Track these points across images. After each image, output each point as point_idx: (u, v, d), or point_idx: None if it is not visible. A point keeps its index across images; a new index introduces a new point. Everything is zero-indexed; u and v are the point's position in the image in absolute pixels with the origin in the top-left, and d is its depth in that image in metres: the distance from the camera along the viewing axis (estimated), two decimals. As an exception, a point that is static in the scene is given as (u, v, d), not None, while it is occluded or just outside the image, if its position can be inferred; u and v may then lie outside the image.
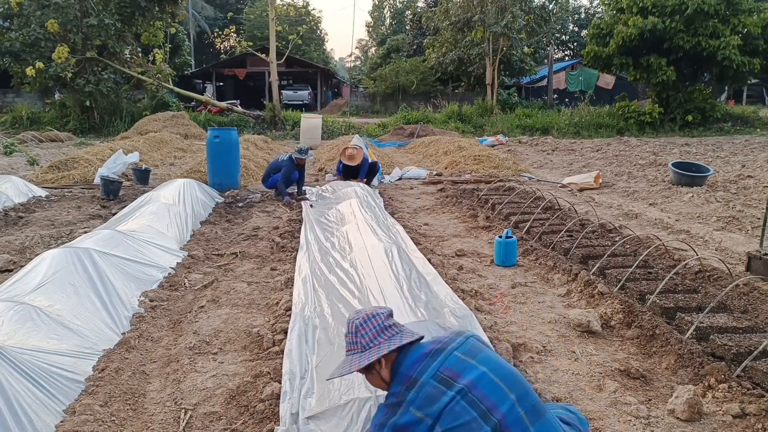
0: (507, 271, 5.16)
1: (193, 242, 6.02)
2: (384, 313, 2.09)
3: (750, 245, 5.79)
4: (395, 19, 56.02)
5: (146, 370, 3.27)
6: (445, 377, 1.86)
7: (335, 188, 8.70)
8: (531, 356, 3.40)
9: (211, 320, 3.95)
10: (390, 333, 2.03)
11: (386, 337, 2.01)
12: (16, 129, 19.27)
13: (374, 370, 2.01)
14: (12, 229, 6.46)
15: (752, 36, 19.14)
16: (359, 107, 33.79)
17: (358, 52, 72.44)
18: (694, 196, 8.48)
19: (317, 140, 16.90)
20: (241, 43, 22.41)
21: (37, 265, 3.92)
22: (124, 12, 19.50)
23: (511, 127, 21.08)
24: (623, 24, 19.82)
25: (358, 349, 2.03)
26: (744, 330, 3.56)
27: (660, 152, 14.01)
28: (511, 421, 1.81)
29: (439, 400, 1.81)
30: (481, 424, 1.78)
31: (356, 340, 2.04)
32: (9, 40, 18.89)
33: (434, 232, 6.71)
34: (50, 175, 9.96)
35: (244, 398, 2.92)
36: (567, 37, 51.77)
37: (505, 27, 23.37)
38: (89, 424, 2.65)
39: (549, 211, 7.12)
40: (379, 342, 2.00)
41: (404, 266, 4.17)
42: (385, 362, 2.00)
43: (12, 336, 3.03)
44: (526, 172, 11.38)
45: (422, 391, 1.84)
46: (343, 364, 2.08)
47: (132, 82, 21.47)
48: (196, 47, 41.92)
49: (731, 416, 2.77)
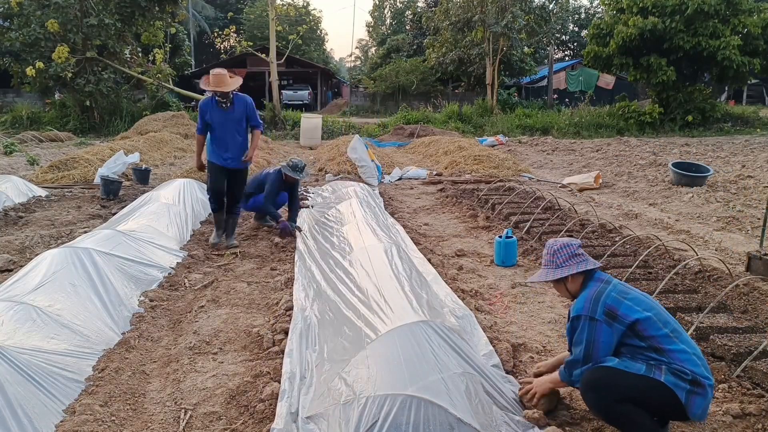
0: (507, 271, 5.16)
1: (193, 242, 6.02)
2: (576, 243, 2.77)
3: (750, 245, 5.79)
4: (395, 19, 55.96)
5: (146, 370, 3.26)
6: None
7: (335, 188, 8.69)
8: (531, 356, 3.40)
9: (211, 320, 3.95)
10: (578, 259, 2.71)
11: (575, 261, 2.70)
12: (16, 129, 19.26)
13: (563, 283, 2.74)
14: (12, 229, 6.46)
15: (752, 36, 19.14)
16: (359, 107, 33.77)
17: (358, 52, 72.37)
18: (694, 196, 8.48)
19: (317, 140, 16.90)
20: (241, 43, 22.40)
21: (37, 265, 3.92)
22: (124, 12, 19.49)
23: (511, 127, 21.07)
24: (623, 24, 19.82)
25: (553, 267, 2.74)
26: (744, 330, 3.56)
27: (660, 152, 14.00)
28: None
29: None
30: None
31: (553, 260, 2.76)
32: (9, 40, 18.88)
33: (434, 232, 6.71)
34: (50, 175, 9.96)
35: (244, 398, 2.91)
36: (567, 37, 51.75)
37: (505, 27, 23.36)
38: (89, 424, 2.65)
39: (549, 211, 7.12)
40: (570, 264, 2.70)
41: (404, 266, 4.17)
42: (572, 279, 2.70)
43: (12, 336, 3.03)
44: (526, 172, 11.38)
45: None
46: (540, 273, 2.81)
47: (132, 82, 21.46)
48: (196, 47, 41.90)
49: (731, 416, 2.77)
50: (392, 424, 2.26)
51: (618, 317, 2.48)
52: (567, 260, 2.72)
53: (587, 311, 2.53)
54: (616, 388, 2.41)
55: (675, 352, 2.42)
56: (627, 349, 2.50)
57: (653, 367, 2.41)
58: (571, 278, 2.72)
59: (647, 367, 2.42)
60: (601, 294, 2.54)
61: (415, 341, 2.70)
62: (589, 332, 2.51)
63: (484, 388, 2.70)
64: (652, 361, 2.43)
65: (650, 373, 2.40)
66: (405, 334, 2.75)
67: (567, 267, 2.71)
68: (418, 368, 2.53)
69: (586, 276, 2.71)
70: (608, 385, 2.43)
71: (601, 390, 2.45)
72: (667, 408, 2.40)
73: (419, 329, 2.81)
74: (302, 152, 15.38)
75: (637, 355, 2.47)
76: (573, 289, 2.73)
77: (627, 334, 2.48)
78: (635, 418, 2.40)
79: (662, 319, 2.49)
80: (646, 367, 2.42)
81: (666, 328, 2.46)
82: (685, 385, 2.36)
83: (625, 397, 2.40)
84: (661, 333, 2.45)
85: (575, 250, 2.74)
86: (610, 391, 2.42)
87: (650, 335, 2.44)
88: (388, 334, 2.77)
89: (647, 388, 2.38)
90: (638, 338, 2.46)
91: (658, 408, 2.42)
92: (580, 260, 2.71)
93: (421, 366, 2.55)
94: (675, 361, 2.40)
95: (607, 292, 2.55)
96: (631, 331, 2.47)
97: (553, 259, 2.77)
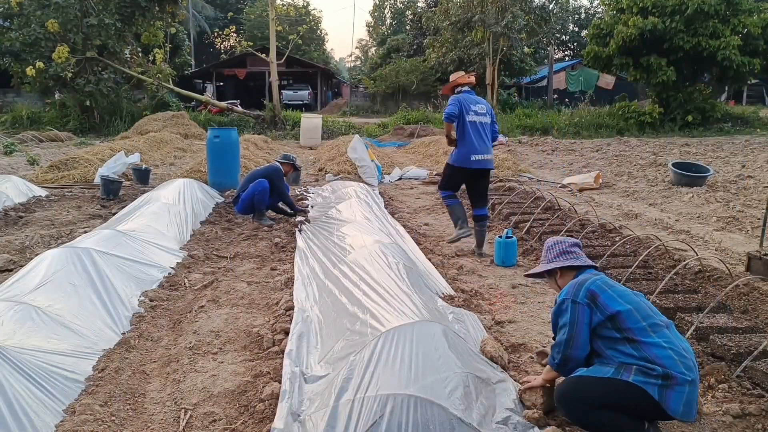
0: (507, 271, 5.16)
1: (193, 242, 6.02)
2: (570, 241, 2.92)
3: (750, 245, 5.79)
4: (395, 19, 55.98)
5: (146, 370, 3.26)
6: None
7: (335, 188, 8.69)
8: (531, 356, 3.40)
9: (211, 320, 3.95)
10: (569, 256, 2.85)
11: (566, 257, 2.85)
12: (16, 129, 19.26)
13: (554, 276, 2.88)
14: (12, 229, 6.46)
15: (752, 36, 19.14)
16: (359, 107, 33.78)
17: (358, 52, 72.40)
18: (694, 196, 8.48)
19: (317, 140, 16.90)
20: (241, 43, 22.41)
21: (37, 265, 3.92)
22: (124, 12, 19.48)
23: (511, 127, 21.07)
24: (623, 24, 19.82)
25: (545, 261, 2.90)
26: (744, 330, 3.56)
27: (660, 152, 14.00)
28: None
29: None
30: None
31: (546, 255, 2.92)
32: (9, 40, 18.88)
33: (434, 232, 6.71)
34: (50, 174, 9.96)
35: (244, 398, 2.91)
36: (567, 37, 51.77)
37: (505, 27, 23.36)
38: (89, 424, 2.65)
39: (549, 211, 7.12)
40: (560, 259, 2.86)
41: (404, 266, 4.17)
42: (561, 273, 2.84)
43: (12, 336, 3.03)
44: (526, 172, 11.38)
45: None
46: (536, 267, 2.99)
47: (132, 82, 21.45)
48: (196, 47, 41.90)
49: (731, 416, 2.77)
50: (393, 424, 2.26)
51: (598, 304, 2.53)
52: (558, 256, 2.86)
53: (570, 295, 2.60)
54: (586, 399, 2.43)
55: (650, 345, 2.42)
56: (603, 343, 2.52)
57: (622, 368, 2.41)
58: (561, 273, 2.83)
59: (615, 369, 2.42)
60: (586, 280, 2.63)
61: (415, 341, 2.70)
62: (571, 315, 2.56)
63: (485, 388, 2.70)
64: (623, 357, 2.44)
65: (618, 375, 2.40)
66: (406, 334, 2.75)
67: (557, 261, 2.84)
68: (419, 368, 2.53)
69: (577, 273, 2.78)
70: (578, 398, 2.46)
71: (572, 402, 2.49)
72: (646, 407, 2.37)
73: (420, 329, 2.81)
74: (302, 152, 15.38)
75: (609, 350, 2.49)
76: (563, 285, 2.79)
77: (605, 324, 2.51)
78: (610, 423, 2.40)
79: (643, 313, 2.50)
80: (615, 369, 2.42)
81: (645, 321, 2.47)
82: (656, 380, 2.35)
83: (596, 404, 2.41)
84: (638, 326, 2.46)
85: (567, 247, 2.86)
86: (581, 403, 2.45)
87: (627, 327, 2.47)
88: (388, 334, 2.77)
89: (617, 391, 2.38)
90: (615, 330, 2.49)
91: (636, 408, 2.40)
92: (571, 256, 2.83)
93: (422, 366, 2.55)
94: (648, 354, 2.40)
95: (592, 279, 2.63)
96: (610, 323, 2.50)
97: (546, 254, 2.92)
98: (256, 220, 6.81)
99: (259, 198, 6.68)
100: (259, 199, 6.68)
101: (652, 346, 2.42)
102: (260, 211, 6.78)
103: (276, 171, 6.84)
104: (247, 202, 6.75)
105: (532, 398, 2.75)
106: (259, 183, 6.65)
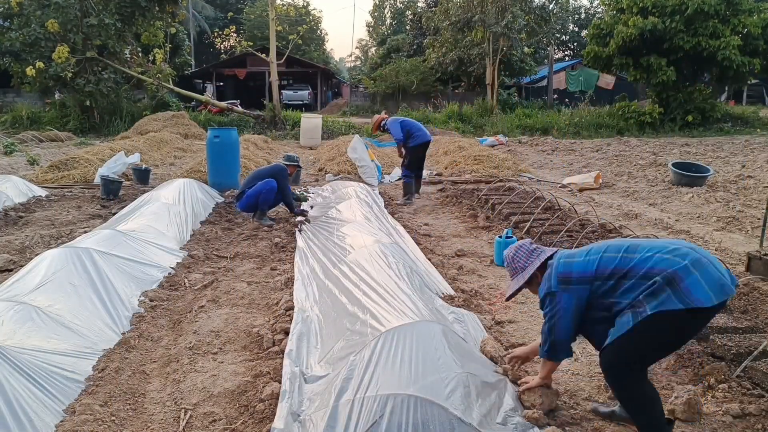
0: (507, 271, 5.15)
1: (193, 242, 6.02)
2: (527, 242, 2.87)
3: (750, 245, 5.79)
4: (395, 19, 55.97)
5: (146, 370, 3.26)
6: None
7: (335, 188, 8.69)
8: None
9: (211, 320, 3.95)
10: (537, 253, 2.79)
11: (535, 256, 2.78)
12: (16, 129, 19.25)
13: (534, 281, 2.76)
14: (12, 229, 6.46)
15: (752, 36, 19.15)
16: (359, 107, 33.75)
17: (358, 52, 72.36)
18: (694, 196, 8.48)
19: (317, 140, 16.90)
20: (241, 43, 22.40)
21: (37, 265, 3.92)
22: (124, 12, 19.47)
23: (511, 127, 21.07)
24: (623, 24, 19.82)
25: (519, 271, 2.79)
26: (744, 330, 3.56)
27: (660, 152, 14.00)
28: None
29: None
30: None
31: (514, 266, 2.82)
32: (9, 40, 18.87)
33: (434, 232, 6.71)
34: (50, 174, 9.96)
35: (244, 398, 2.91)
36: (567, 37, 51.76)
37: (505, 27, 23.36)
38: (89, 424, 2.65)
39: (549, 211, 7.12)
40: (532, 261, 2.77)
41: (404, 266, 4.17)
42: (541, 276, 2.73)
43: (12, 336, 3.03)
44: (526, 172, 11.38)
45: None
46: (511, 284, 2.85)
47: (132, 82, 21.45)
48: (196, 47, 41.88)
49: (731, 416, 2.77)
50: (393, 424, 2.26)
51: (573, 280, 2.54)
52: (527, 259, 2.80)
53: (545, 289, 2.64)
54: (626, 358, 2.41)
55: (636, 264, 2.41)
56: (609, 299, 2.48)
57: (635, 307, 2.37)
58: (540, 274, 2.77)
59: (632, 313, 2.37)
60: (552, 268, 2.65)
61: (415, 341, 2.70)
62: (551, 305, 2.60)
63: (485, 388, 2.70)
64: (628, 295, 2.41)
65: (636, 318, 2.35)
66: (406, 334, 2.75)
67: (531, 265, 2.78)
68: (419, 368, 2.53)
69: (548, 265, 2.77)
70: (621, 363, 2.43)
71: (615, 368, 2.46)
72: (684, 321, 2.33)
73: (420, 329, 2.81)
74: (302, 152, 15.37)
75: (617, 299, 2.45)
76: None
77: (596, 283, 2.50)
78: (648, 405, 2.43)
79: (614, 249, 2.52)
80: (631, 314, 2.37)
81: (619, 253, 2.49)
82: (665, 292, 2.30)
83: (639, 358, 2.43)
84: (617, 260, 2.47)
85: (530, 247, 2.84)
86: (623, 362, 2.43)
87: (611, 269, 2.47)
88: (388, 334, 2.77)
89: (649, 336, 2.36)
90: (607, 278, 2.48)
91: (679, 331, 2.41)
92: (538, 253, 2.80)
93: (422, 366, 2.55)
94: (641, 272, 2.38)
95: (555, 264, 2.64)
96: (599, 281, 2.50)
97: (514, 265, 2.83)
98: (257, 219, 6.84)
99: (265, 197, 6.71)
100: (264, 198, 6.72)
101: (639, 262, 2.42)
102: (263, 210, 6.80)
103: (282, 171, 6.91)
104: (252, 200, 6.75)
105: (531, 398, 2.75)
106: (267, 182, 6.68)
